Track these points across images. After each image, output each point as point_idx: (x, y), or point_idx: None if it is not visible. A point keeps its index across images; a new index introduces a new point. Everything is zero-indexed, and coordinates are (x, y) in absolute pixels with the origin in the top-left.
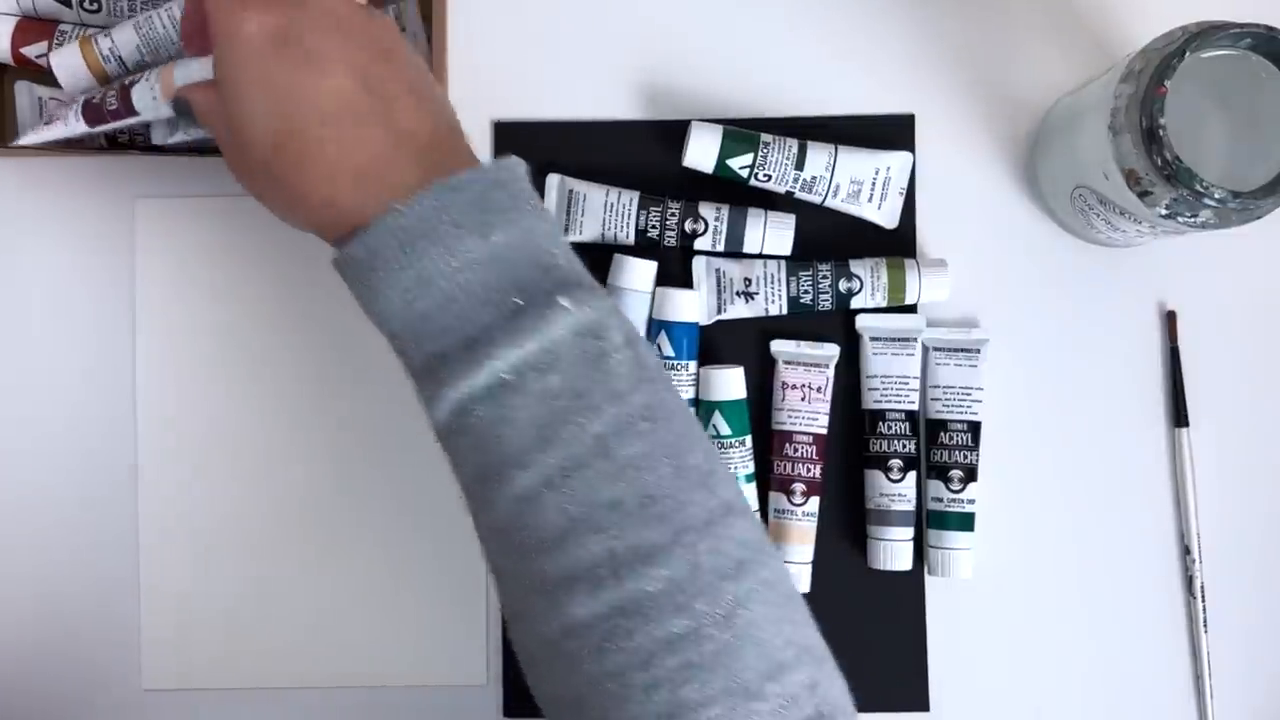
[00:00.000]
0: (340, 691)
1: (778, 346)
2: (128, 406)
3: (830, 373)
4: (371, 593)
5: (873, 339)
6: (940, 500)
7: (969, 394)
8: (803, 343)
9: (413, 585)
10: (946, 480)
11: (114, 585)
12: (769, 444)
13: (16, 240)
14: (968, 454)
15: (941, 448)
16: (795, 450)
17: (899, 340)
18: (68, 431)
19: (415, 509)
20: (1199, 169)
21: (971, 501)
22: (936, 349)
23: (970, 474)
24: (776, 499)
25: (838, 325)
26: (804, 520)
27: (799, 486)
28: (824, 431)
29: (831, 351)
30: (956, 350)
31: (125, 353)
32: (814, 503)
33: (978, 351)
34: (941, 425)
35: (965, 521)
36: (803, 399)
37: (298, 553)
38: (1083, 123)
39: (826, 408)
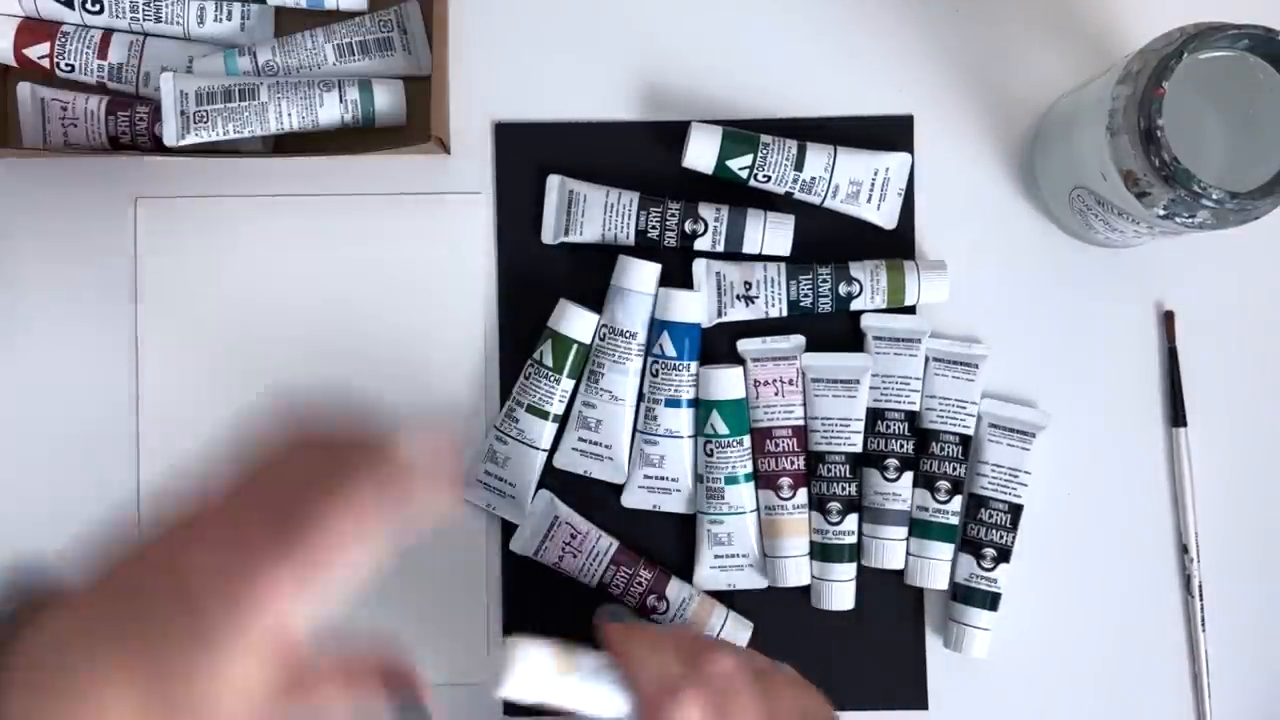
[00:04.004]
0: None
1: (744, 345)
2: (128, 406)
3: (799, 363)
4: (372, 591)
5: (876, 339)
6: (925, 510)
7: (963, 407)
8: (768, 338)
9: (414, 583)
10: (934, 490)
11: None
12: (752, 443)
13: (16, 240)
14: (956, 466)
15: (931, 458)
16: (776, 445)
17: (903, 341)
18: (68, 431)
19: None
20: (1197, 170)
21: (955, 514)
22: (936, 359)
23: (956, 487)
24: (766, 496)
25: (845, 324)
26: (795, 513)
27: (785, 480)
28: (801, 423)
29: (797, 342)
30: (955, 363)
31: (125, 352)
32: (802, 494)
33: (975, 366)
34: (934, 435)
35: (947, 533)
36: (776, 393)
37: None
38: (1081, 124)
39: (800, 399)
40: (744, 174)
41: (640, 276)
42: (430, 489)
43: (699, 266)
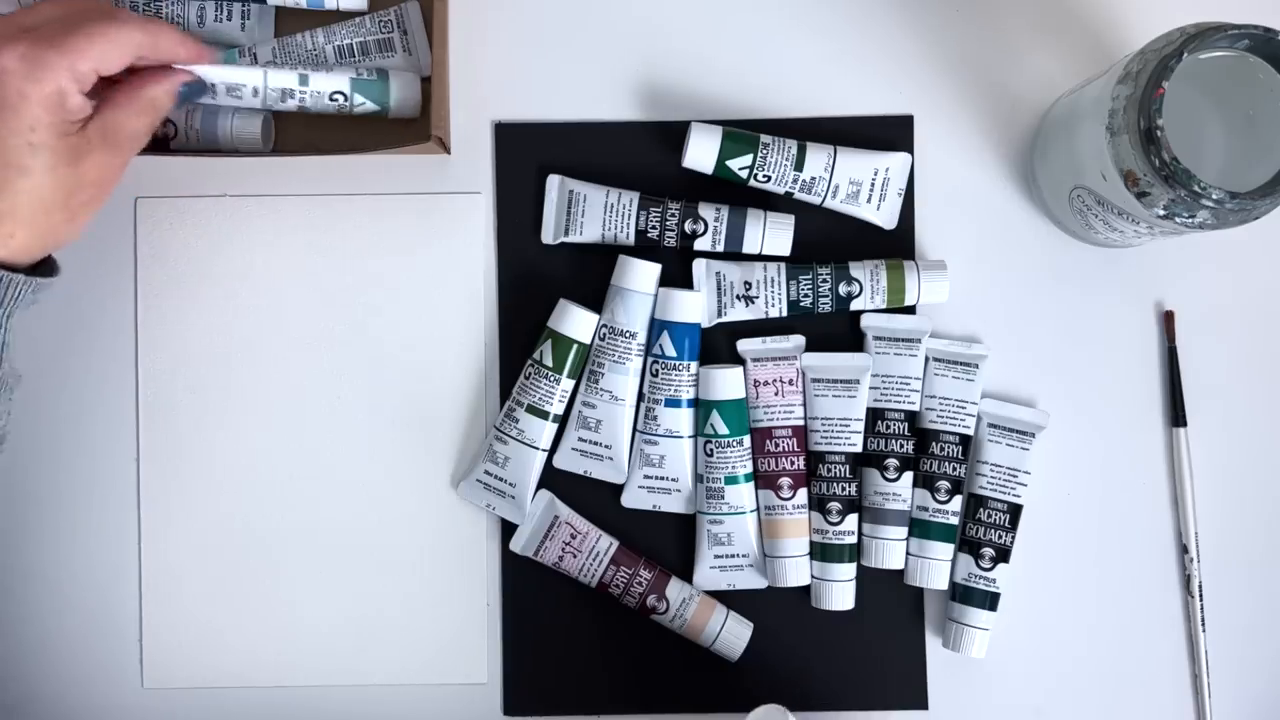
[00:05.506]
0: (341, 690)
1: (744, 345)
2: (128, 406)
3: (799, 363)
4: (372, 591)
5: (876, 339)
6: (925, 510)
7: (963, 407)
8: (768, 338)
9: (414, 583)
10: (934, 490)
11: (114, 585)
12: (752, 443)
13: None
14: (956, 466)
15: (931, 458)
16: (776, 445)
17: (903, 341)
18: (69, 431)
19: (416, 508)
20: (1197, 170)
21: (955, 514)
22: (936, 359)
23: (957, 487)
24: (765, 496)
25: (845, 324)
26: (795, 513)
27: (785, 480)
28: (801, 424)
29: (797, 342)
30: (955, 363)
31: (126, 352)
32: (802, 494)
33: (976, 366)
34: (934, 435)
35: (947, 533)
36: (776, 394)
37: (298, 552)
38: (1081, 124)
39: (800, 399)
40: (744, 174)
41: (640, 276)
42: (177, 41)
43: (699, 266)
